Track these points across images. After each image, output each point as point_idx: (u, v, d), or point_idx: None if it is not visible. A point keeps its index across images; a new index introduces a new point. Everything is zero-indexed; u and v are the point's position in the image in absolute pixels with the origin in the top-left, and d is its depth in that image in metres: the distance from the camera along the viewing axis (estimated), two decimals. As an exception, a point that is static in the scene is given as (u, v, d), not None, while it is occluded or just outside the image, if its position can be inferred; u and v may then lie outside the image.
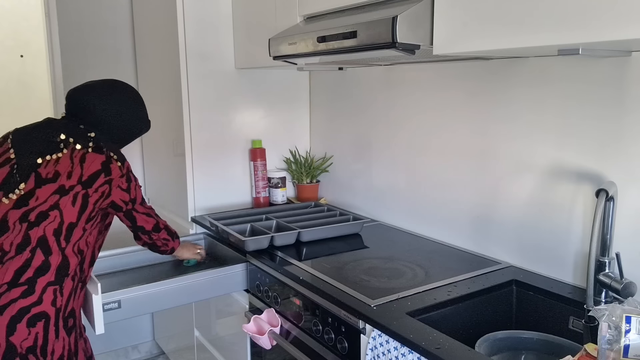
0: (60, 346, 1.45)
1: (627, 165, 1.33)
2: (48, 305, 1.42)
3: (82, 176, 1.49)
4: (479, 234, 1.75)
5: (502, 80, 1.62)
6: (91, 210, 1.51)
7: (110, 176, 1.54)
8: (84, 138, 1.55)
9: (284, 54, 1.74)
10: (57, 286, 1.43)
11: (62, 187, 1.46)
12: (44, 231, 1.43)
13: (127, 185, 1.59)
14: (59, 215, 1.45)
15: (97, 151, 1.54)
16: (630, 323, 1.01)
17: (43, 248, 1.42)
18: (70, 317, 1.48)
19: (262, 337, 1.67)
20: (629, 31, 0.94)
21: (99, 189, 1.51)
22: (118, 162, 1.57)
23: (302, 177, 2.46)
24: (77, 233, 1.48)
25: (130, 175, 1.61)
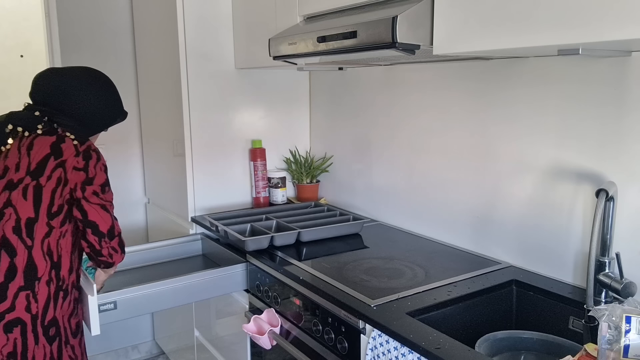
0: (41, 354, 1.42)
1: (627, 165, 1.33)
2: (22, 311, 1.37)
3: (30, 165, 1.38)
4: (479, 234, 1.75)
5: (502, 80, 1.62)
6: (49, 202, 1.38)
7: (61, 157, 1.39)
8: (34, 122, 1.43)
9: (284, 54, 1.74)
10: (28, 291, 1.38)
11: (10, 181, 1.38)
12: (3, 230, 1.36)
13: (85, 163, 1.41)
14: (14, 212, 1.36)
15: (47, 133, 1.41)
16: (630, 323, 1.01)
17: (7, 249, 1.36)
18: (51, 326, 1.43)
19: (262, 337, 1.67)
20: (629, 31, 0.94)
21: (52, 175, 1.38)
22: (75, 140, 1.42)
23: (302, 177, 2.46)
24: (41, 230, 1.38)
25: (91, 153, 1.43)
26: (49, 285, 1.42)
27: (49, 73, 1.51)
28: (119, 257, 1.55)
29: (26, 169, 1.38)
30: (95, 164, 1.43)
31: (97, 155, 1.45)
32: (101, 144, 2.72)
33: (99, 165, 1.44)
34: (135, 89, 2.79)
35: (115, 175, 2.79)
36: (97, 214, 1.43)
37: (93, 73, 1.56)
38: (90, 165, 1.41)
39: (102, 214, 1.44)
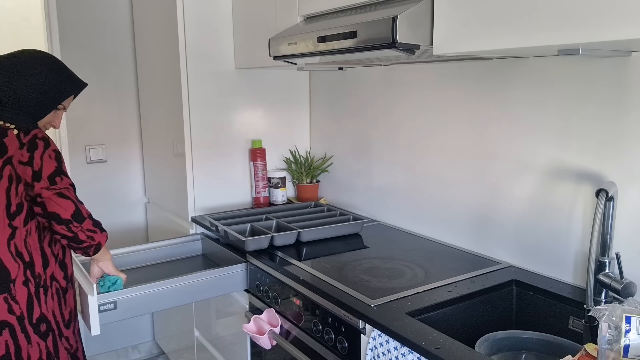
0: (36, 351, 1.41)
1: (627, 165, 1.33)
2: (5, 314, 1.35)
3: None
4: (479, 234, 1.75)
5: (502, 80, 1.62)
6: (6, 203, 1.31)
7: (7, 154, 1.32)
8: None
9: (284, 54, 1.74)
10: (5, 294, 1.35)
11: None
12: None
13: (30, 155, 1.31)
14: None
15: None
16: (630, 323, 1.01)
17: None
18: (41, 322, 1.42)
19: (262, 337, 1.67)
20: (629, 31, 0.94)
21: (2, 174, 1.31)
22: (16, 130, 1.33)
23: (302, 177, 2.46)
24: (3, 232, 1.32)
25: (37, 142, 1.33)
26: (26, 285, 1.38)
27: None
28: (102, 236, 1.46)
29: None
30: (42, 153, 1.32)
31: (44, 143, 1.34)
32: (101, 144, 2.73)
33: (47, 154, 1.33)
34: (135, 89, 2.79)
35: (115, 175, 2.80)
36: (55, 203, 1.33)
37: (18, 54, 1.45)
38: (36, 156, 1.31)
39: (60, 202, 1.34)
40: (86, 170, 2.71)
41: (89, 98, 2.68)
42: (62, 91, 1.48)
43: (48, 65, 1.46)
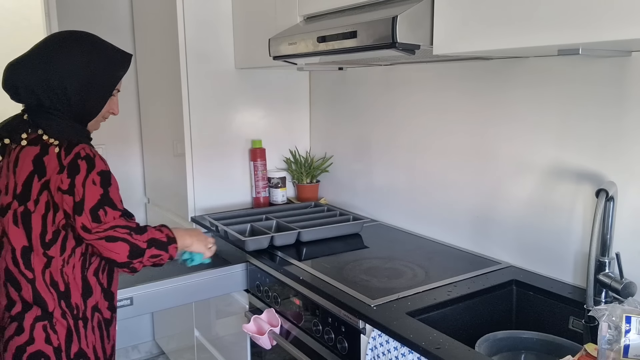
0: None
1: (627, 165, 1.33)
2: (42, 343, 1.22)
3: (16, 187, 1.18)
4: (479, 234, 1.75)
5: (502, 80, 1.62)
6: (41, 231, 1.17)
7: (45, 177, 1.16)
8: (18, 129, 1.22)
9: (284, 54, 1.74)
10: (45, 322, 1.22)
11: (0, 206, 1.21)
12: (5, 262, 1.22)
13: (70, 181, 1.14)
14: (8, 242, 1.20)
15: (32, 143, 1.19)
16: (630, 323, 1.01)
17: (11, 281, 1.22)
18: (79, 357, 1.27)
19: (262, 337, 1.67)
20: (629, 31, 0.94)
21: (39, 199, 1.16)
22: (58, 147, 1.16)
23: (302, 177, 2.46)
24: (39, 261, 1.20)
25: (79, 164, 1.15)
26: (64, 317, 1.24)
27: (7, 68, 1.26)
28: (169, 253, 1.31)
29: (12, 191, 1.19)
30: (84, 178, 1.15)
31: (87, 165, 1.16)
32: (101, 144, 2.73)
33: (90, 179, 1.16)
34: (136, 89, 2.79)
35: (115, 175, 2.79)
36: (107, 249, 1.19)
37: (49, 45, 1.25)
38: (77, 183, 1.14)
39: (111, 247, 1.18)
40: (86, 170, 2.70)
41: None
42: (113, 76, 1.30)
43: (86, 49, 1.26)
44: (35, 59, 1.23)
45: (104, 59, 1.28)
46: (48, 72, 1.21)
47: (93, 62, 1.26)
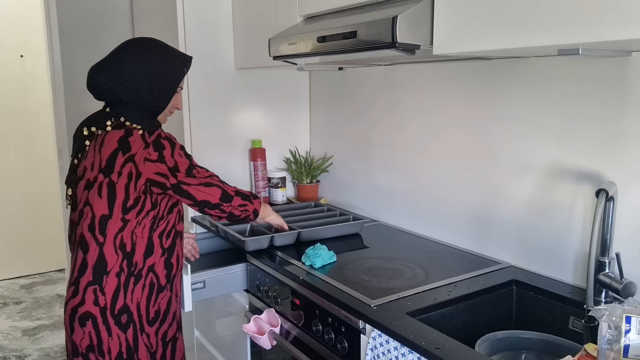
0: (116, 344, 1.43)
1: (627, 165, 1.33)
2: (90, 305, 1.41)
3: (101, 162, 1.40)
4: (479, 234, 1.75)
5: (502, 81, 1.62)
6: (124, 198, 1.39)
7: (130, 152, 1.38)
8: (103, 119, 1.46)
9: (284, 54, 1.74)
10: (96, 286, 1.41)
11: (87, 181, 1.42)
12: (82, 228, 1.42)
13: (159, 153, 1.39)
14: (90, 210, 1.41)
15: (116, 127, 1.42)
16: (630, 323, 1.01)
17: (82, 245, 1.42)
18: (122, 313, 1.43)
19: (262, 337, 1.67)
20: (629, 31, 0.94)
21: (122, 171, 1.38)
22: (141, 130, 1.40)
23: (302, 177, 2.46)
24: (114, 225, 1.40)
25: (163, 142, 1.41)
26: (118, 276, 1.42)
27: (90, 73, 1.49)
28: (255, 205, 1.59)
29: (98, 166, 1.40)
30: (171, 152, 1.40)
31: (170, 143, 1.41)
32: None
33: (176, 152, 1.41)
34: (135, 89, 2.79)
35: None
36: (202, 192, 1.45)
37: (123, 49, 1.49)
38: (166, 155, 1.39)
39: (207, 190, 1.46)
40: (86, 170, 2.71)
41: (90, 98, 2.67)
42: (176, 76, 1.51)
43: (153, 53, 1.47)
44: (111, 62, 1.46)
45: (167, 60, 1.49)
46: (122, 74, 1.43)
47: (158, 63, 1.47)
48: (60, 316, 3.60)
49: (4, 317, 3.62)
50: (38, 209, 4.37)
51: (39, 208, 4.37)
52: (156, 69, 1.46)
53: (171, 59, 1.50)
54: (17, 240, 4.33)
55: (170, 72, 1.50)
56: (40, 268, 4.45)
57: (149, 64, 1.46)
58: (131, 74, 1.44)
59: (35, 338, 3.31)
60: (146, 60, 1.46)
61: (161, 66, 1.47)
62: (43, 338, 3.30)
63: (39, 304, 3.83)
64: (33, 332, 3.38)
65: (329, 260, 1.66)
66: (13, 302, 3.88)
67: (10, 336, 3.34)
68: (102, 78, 1.45)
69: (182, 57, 1.54)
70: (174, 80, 1.51)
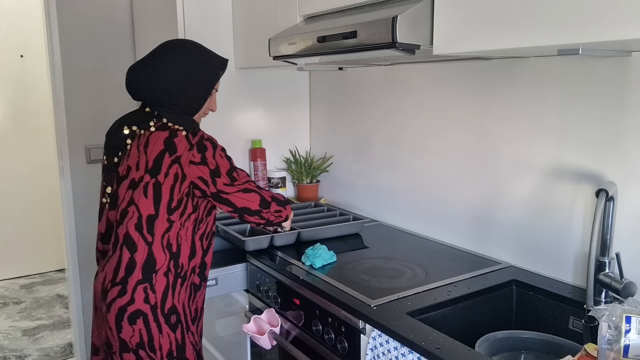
0: (167, 341, 1.44)
1: (627, 165, 1.33)
2: (141, 303, 1.41)
3: (148, 163, 1.41)
4: (479, 234, 1.75)
5: (502, 81, 1.62)
6: (169, 199, 1.41)
7: (176, 153, 1.40)
8: (146, 119, 1.48)
9: (284, 54, 1.74)
10: (146, 284, 1.41)
11: (132, 180, 1.43)
12: (127, 227, 1.42)
13: (201, 155, 1.40)
14: (136, 209, 1.41)
15: (160, 129, 1.44)
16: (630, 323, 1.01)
17: (128, 244, 1.41)
18: (172, 314, 1.45)
19: (262, 337, 1.67)
20: (629, 31, 0.94)
21: (169, 172, 1.40)
22: (185, 131, 1.42)
23: (302, 177, 2.46)
24: (161, 225, 1.42)
25: (205, 143, 1.42)
26: (167, 275, 1.43)
27: (128, 73, 1.51)
28: (287, 210, 1.62)
29: (144, 167, 1.42)
30: (213, 154, 1.42)
31: (212, 144, 1.43)
32: (101, 145, 2.73)
33: (217, 154, 1.43)
34: (135, 89, 2.79)
35: (115, 175, 2.79)
36: (242, 199, 1.47)
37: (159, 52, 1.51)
38: (208, 157, 1.41)
39: (247, 197, 1.47)
40: (86, 170, 2.71)
41: (90, 98, 2.68)
42: (210, 79, 1.54)
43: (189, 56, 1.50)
44: (148, 64, 1.48)
45: (202, 63, 1.51)
46: (158, 75, 1.46)
47: (192, 65, 1.49)
48: (60, 316, 3.60)
49: (4, 317, 3.62)
50: (38, 209, 4.37)
51: (39, 208, 4.37)
52: (190, 72, 1.49)
53: (206, 62, 1.52)
54: (17, 240, 4.33)
55: (205, 75, 1.52)
56: (40, 268, 4.46)
57: (183, 66, 1.48)
58: (166, 76, 1.46)
59: (35, 338, 3.31)
60: (181, 63, 1.48)
61: (196, 69, 1.50)
62: (43, 338, 3.30)
63: (39, 304, 3.83)
64: (33, 332, 3.38)
65: (329, 260, 1.66)
66: (13, 302, 3.88)
67: (10, 336, 3.34)
68: (139, 79, 1.48)
69: (218, 60, 1.56)
70: (209, 83, 1.53)
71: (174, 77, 1.47)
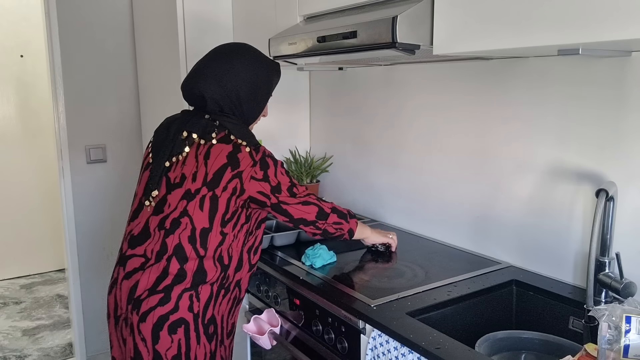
0: (202, 353, 1.41)
1: (627, 165, 1.33)
2: (185, 311, 1.36)
3: (207, 176, 1.37)
4: (479, 234, 1.75)
5: (502, 81, 1.62)
6: (224, 212, 1.38)
7: (238, 168, 1.37)
8: (208, 130, 1.41)
9: (284, 54, 1.74)
10: (192, 292, 1.37)
11: (188, 191, 1.38)
12: (179, 239, 1.37)
13: (264, 173, 1.39)
14: (190, 222, 1.37)
15: (223, 141, 1.40)
16: (630, 323, 1.01)
17: (179, 255, 1.36)
18: (210, 324, 1.42)
19: (262, 337, 1.67)
20: (629, 31, 0.94)
21: (228, 185, 1.37)
22: (248, 147, 1.39)
23: (302, 177, 2.46)
24: (214, 239, 1.38)
25: (267, 160, 1.41)
26: (212, 285, 1.40)
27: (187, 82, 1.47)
28: (350, 224, 1.58)
29: (203, 179, 1.37)
30: (275, 172, 1.41)
31: (274, 162, 1.42)
32: (101, 144, 2.73)
33: (278, 171, 1.42)
34: (136, 89, 2.79)
35: (115, 175, 2.80)
36: (300, 210, 1.46)
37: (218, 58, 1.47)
38: (270, 174, 1.40)
39: (304, 209, 1.46)
40: (86, 170, 2.71)
41: (89, 98, 2.68)
42: (270, 85, 1.52)
43: (254, 62, 1.47)
44: (212, 71, 1.44)
45: (264, 67, 1.50)
46: (225, 83, 1.43)
47: (257, 71, 1.47)
48: (60, 316, 3.60)
49: (4, 317, 3.62)
50: (38, 209, 4.37)
51: (39, 208, 4.38)
52: (257, 79, 1.47)
53: (266, 68, 1.50)
54: (17, 240, 4.33)
55: (267, 81, 1.50)
56: (40, 268, 4.46)
57: (250, 74, 1.46)
58: (233, 83, 1.43)
59: (35, 338, 3.31)
60: (245, 67, 1.45)
61: (261, 76, 1.48)
62: (43, 338, 3.30)
63: (39, 304, 3.83)
64: (33, 332, 3.38)
65: (329, 260, 1.66)
66: (13, 302, 3.88)
67: (10, 336, 3.34)
68: (206, 89, 1.43)
69: (273, 65, 1.53)
70: (269, 89, 1.52)
71: (241, 84, 1.44)
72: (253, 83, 1.46)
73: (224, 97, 1.43)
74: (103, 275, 2.82)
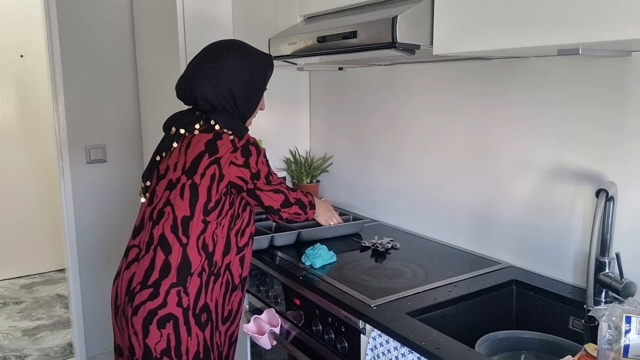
0: (195, 344, 1.42)
1: (627, 165, 1.33)
2: (173, 306, 1.38)
3: (185, 164, 1.41)
4: (479, 234, 1.75)
5: (502, 81, 1.62)
6: (206, 200, 1.40)
7: (216, 154, 1.40)
8: (192, 122, 1.46)
9: (284, 54, 1.74)
10: (180, 287, 1.39)
11: (170, 181, 1.43)
12: (163, 228, 1.41)
13: (245, 159, 1.42)
14: (172, 211, 1.41)
15: (205, 131, 1.43)
16: (630, 323, 1.01)
17: (163, 246, 1.39)
18: (203, 312, 1.43)
19: (262, 337, 1.67)
20: (629, 31, 0.94)
21: (206, 172, 1.39)
22: (232, 135, 1.42)
23: (302, 177, 2.46)
24: (196, 227, 1.40)
25: (250, 148, 1.43)
26: (200, 276, 1.42)
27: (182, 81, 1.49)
28: (308, 214, 1.65)
29: (182, 168, 1.41)
30: (256, 160, 1.44)
31: (257, 150, 1.45)
32: (101, 144, 2.73)
33: (260, 160, 1.45)
34: (135, 89, 2.79)
35: (115, 175, 2.80)
36: (270, 198, 1.50)
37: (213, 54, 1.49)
38: (252, 162, 1.43)
39: (274, 197, 1.51)
40: (86, 170, 2.71)
41: (89, 98, 2.68)
42: (265, 79, 1.55)
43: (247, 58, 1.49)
44: (204, 72, 1.46)
45: (257, 62, 1.51)
46: (219, 83, 1.45)
47: (251, 67, 1.49)
48: (60, 316, 3.60)
49: (4, 317, 3.62)
50: (38, 209, 4.37)
51: (39, 208, 4.38)
52: (251, 75, 1.49)
53: (259, 63, 1.52)
54: (17, 240, 4.33)
55: (261, 77, 1.52)
56: (40, 268, 4.45)
57: (244, 72, 1.48)
58: (226, 81, 1.45)
59: (35, 338, 3.31)
60: (238, 64, 1.47)
61: (254, 72, 1.50)
62: (43, 338, 3.30)
63: (39, 304, 3.83)
64: (33, 332, 3.38)
65: (329, 260, 1.66)
66: (13, 302, 3.88)
67: (10, 336, 3.34)
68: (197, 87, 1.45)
69: (267, 58, 1.55)
70: (264, 84, 1.55)
71: (238, 84, 1.46)
72: (247, 80, 1.48)
73: (218, 96, 1.45)
74: (103, 275, 2.82)
